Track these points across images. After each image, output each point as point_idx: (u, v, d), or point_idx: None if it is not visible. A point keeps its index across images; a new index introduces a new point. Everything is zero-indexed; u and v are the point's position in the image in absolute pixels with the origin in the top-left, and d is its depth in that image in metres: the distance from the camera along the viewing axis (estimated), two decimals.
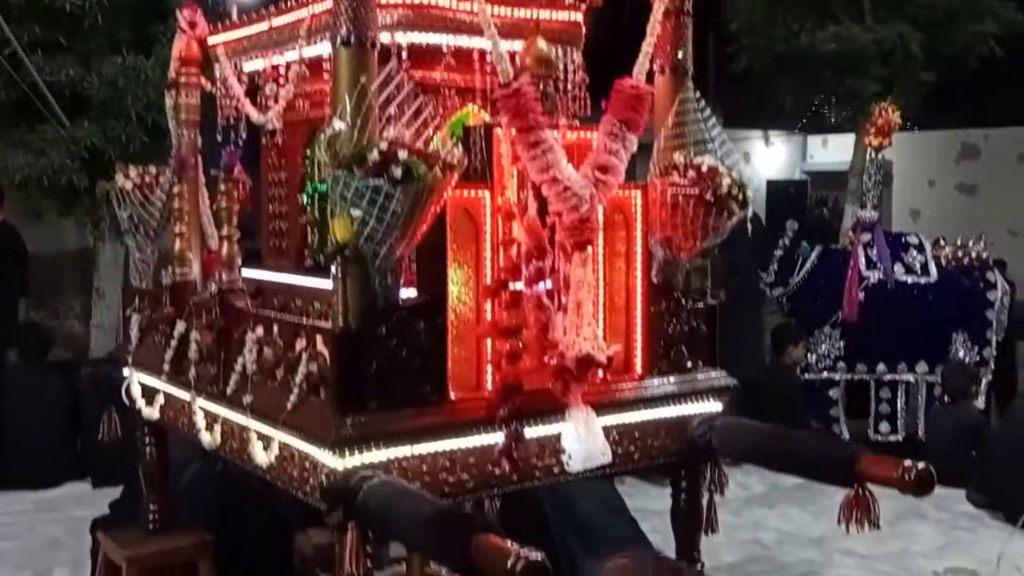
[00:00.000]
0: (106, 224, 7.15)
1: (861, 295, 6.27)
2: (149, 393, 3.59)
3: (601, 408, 2.85)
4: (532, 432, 2.78)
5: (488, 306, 2.78)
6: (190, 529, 3.73)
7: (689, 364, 3.19)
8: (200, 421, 3.18)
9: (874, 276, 6.49)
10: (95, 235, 7.50)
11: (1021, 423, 4.69)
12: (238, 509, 3.99)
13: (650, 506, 4.71)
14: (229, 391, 2.99)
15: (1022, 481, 4.07)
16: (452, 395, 2.76)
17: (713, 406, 3.21)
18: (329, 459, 2.57)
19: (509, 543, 2.15)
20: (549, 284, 2.67)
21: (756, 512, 5.51)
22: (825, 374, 6.76)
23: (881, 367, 6.64)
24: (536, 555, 2.12)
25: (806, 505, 5.48)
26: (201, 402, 3.18)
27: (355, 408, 2.59)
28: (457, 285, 2.79)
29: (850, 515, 2.70)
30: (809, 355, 6.71)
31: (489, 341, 2.81)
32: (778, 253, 6.80)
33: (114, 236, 6.99)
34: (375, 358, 2.61)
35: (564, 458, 2.80)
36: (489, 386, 2.81)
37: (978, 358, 6.53)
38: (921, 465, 2.59)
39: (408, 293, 2.80)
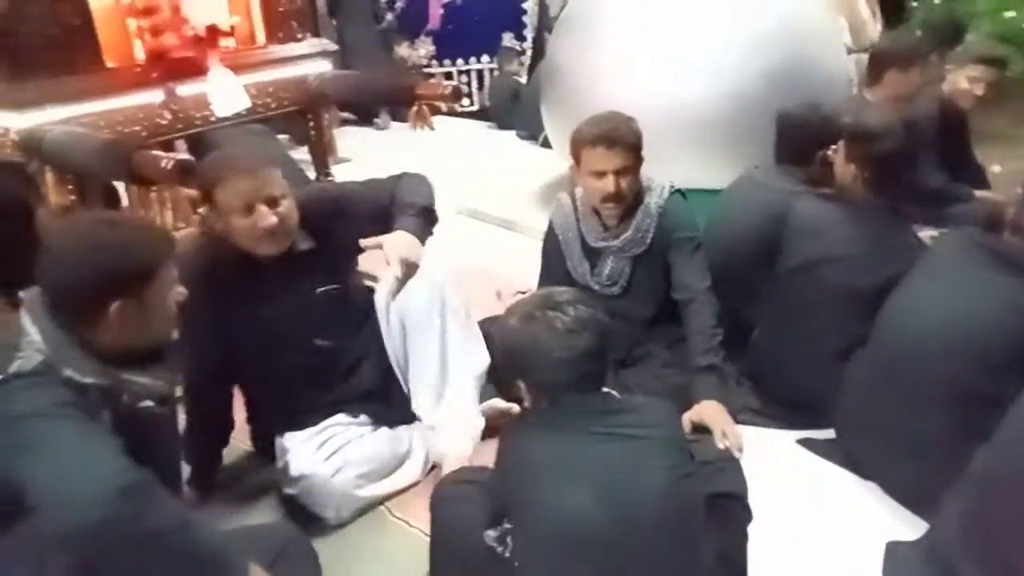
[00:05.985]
0: None
1: (441, 11, 8.04)
2: None
3: (239, 69, 3.76)
4: (185, 90, 3.59)
5: None
6: None
7: (299, 35, 4.12)
8: None
9: None
10: None
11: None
12: None
13: None
14: None
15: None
16: (108, 64, 3.48)
17: (324, 65, 4.19)
18: (15, 119, 3.19)
19: (163, 152, 3.04)
20: None
21: None
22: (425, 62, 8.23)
23: (460, 61, 8.27)
24: (184, 156, 3.03)
25: None
26: None
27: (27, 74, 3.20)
28: None
29: (416, 123, 3.81)
30: (413, 54, 8.16)
31: (131, 20, 3.54)
32: None
33: None
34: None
35: (213, 107, 3.71)
36: (140, 56, 3.58)
37: (519, 47, 8.16)
38: (454, 83, 3.85)
39: None
